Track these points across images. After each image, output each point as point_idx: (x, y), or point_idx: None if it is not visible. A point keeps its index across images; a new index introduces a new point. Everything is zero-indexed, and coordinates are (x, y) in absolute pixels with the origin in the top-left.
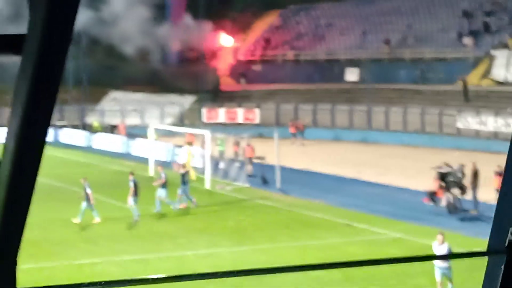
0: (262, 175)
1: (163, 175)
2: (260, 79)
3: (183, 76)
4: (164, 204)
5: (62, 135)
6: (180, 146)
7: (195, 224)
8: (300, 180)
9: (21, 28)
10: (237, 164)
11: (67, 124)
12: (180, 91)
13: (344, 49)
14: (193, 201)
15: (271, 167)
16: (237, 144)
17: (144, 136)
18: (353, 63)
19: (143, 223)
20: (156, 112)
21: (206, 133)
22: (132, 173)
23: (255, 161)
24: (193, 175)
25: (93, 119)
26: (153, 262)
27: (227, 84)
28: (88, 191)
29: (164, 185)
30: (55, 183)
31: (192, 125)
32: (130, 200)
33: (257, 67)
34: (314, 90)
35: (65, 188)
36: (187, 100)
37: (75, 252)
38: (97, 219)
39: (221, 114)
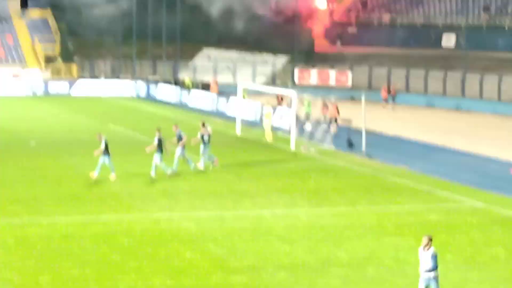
0: (348, 138)
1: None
2: (354, 42)
3: (277, 36)
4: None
5: (154, 90)
6: (274, 106)
7: (276, 184)
8: (387, 145)
9: None
10: (323, 126)
11: (160, 79)
12: (273, 50)
13: (442, 14)
14: (214, 162)
15: (358, 131)
16: (325, 106)
17: (235, 94)
18: (450, 29)
19: (224, 181)
20: (248, 70)
21: (293, 93)
22: (158, 130)
23: (342, 123)
24: (268, 136)
25: (185, 76)
26: (229, 220)
27: (321, 45)
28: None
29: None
30: (140, 137)
31: (283, 85)
32: (156, 157)
33: (352, 30)
34: (408, 55)
35: (150, 143)
36: (280, 60)
37: (154, 206)
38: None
39: (313, 76)
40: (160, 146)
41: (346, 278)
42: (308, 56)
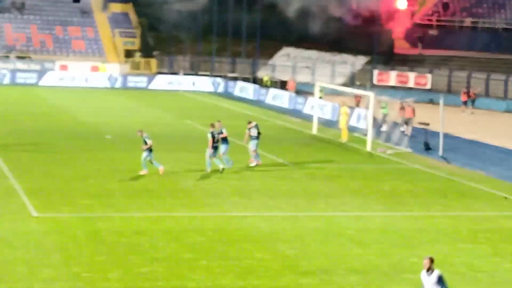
0: (425, 141)
1: (224, 130)
2: (435, 44)
3: (357, 37)
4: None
5: (232, 87)
6: (351, 107)
7: (350, 185)
8: (465, 150)
9: None
10: (400, 128)
11: (238, 77)
12: (353, 51)
13: None
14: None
15: (436, 134)
16: (402, 108)
17: (312, 93)
18: None
19: (298, 181)
20: (327, 70)
21: (371, 94)
22: (212, 125)
23: (419, 126)
24: (345, 136)
25: (264, 74)
26: (302, 221)
27: (401, 47)
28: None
29: (225, 140)
30: None
31: (362, 86)
32: (208, 151)
33: (433, 32)
34: (489, 59)
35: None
36: (359, 61)
37: (227, 204)
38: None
39: (392, 77)
40: (213, 142)
41: (417, 284)
42: (387, 57)
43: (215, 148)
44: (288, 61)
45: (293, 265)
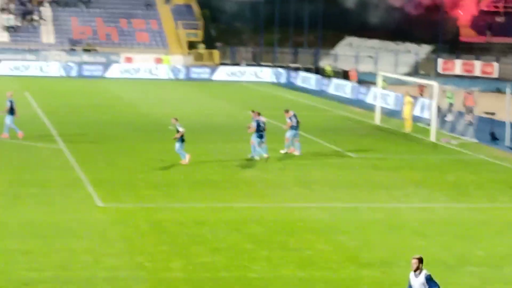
0: (491, 131)
1: (254, 124)
2: (501, 32)
3: (420, 25)
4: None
5: (295, 77)
6: (415, 97)
7: (413, 176)
8: None
9: None
10: (465, 118)
11: (301, 67)
12: (417, 40)
13: None
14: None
15: (502, 124)
16: (466, 97)
17: (375, 83)
18: None
19: (360, 171)
20: (390, 60)
21: (435, 84)
22: (258, 113)
23: (485, 116)
24: (408, 126)
25: (326, 64)
26: (363, 212)
27: (467, 35)
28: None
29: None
30: (278, 124)
31: (426, 76)
32: (253, 137)
33: (500, 19)
34: None
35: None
36: (423, 50)
37: (287, 195)
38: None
39: (458, 66)
40: (258, 130)
41: (482, 277)
42: (452, 45)
43: (261, 136)
44: (350, 51)
45: (354, 257)
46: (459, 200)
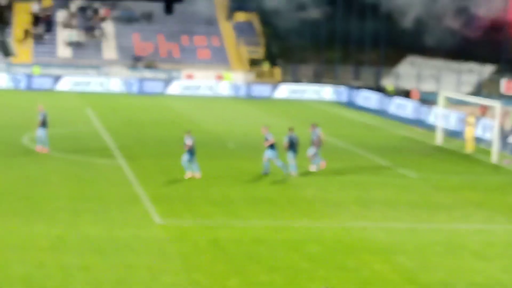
0: None
1: (270, 137)
2: None
3: (484, 45)
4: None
5: (356, 96)
6: (477, 117)
7: (474, 197)
8: None
9: None
10: None
11: (362, 86)
12: (480, 59)
13: None
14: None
15: None
16: None
17: (436, 103)
18: None
19: (420, 191)
20: (453, 79)
21: (497, 105)
22: (290, 129)
23: None
24: (470, 147)
25: (388, 82)
26: (422, 232)
27: None
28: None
29: (272, 147)
30: (340, 144)
31: (489, 96)
32: (290, 155)
33: None
34: None
35: (349, 150)
36: (487, 69)
37: (346, 214)
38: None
39: None
40: (292, 146)
41: None
42: None
43: (294, 150)
44: (412, 70)
45: (412, 278)
46: None
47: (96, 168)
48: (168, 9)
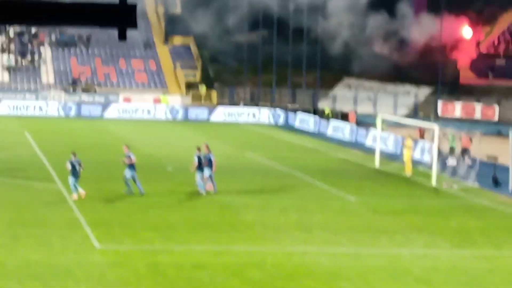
0: (494, 176)
1: (131, 156)
2: (502, 74)
3: (420, 67)
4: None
5: (292, 118)
6: (415, 140)
7: (415, 221)
8: None
9: None
10: (467, 162)
11: (299, 108)
12: (416, 82)
13: None
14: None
15: (505, 168)
16: (468, 140)
17: (374, 125)
18: None
19: (361, 215)
20: (390, 101)
21: (435, 127)
22: (199, 149)
23: (487, 160)
24: (409, 169)
25: (324, 105)
26: (365, 257)
27: (467, 77)
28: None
29: (132, 166)
30: (278, 167)
31: (426, 118)
32: (197, 174)
33: (500, 62)
34: None
35: (289, 173)
36: (423, 92)
37: (287, 239)
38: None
39: (458, 109)
40: (200, 165)
41: None
42: (452, 88)
43: (201, 169)
44: (349, 92)
45: None
46: (463, 246)
47: (35, 192)
48: (122, 35)
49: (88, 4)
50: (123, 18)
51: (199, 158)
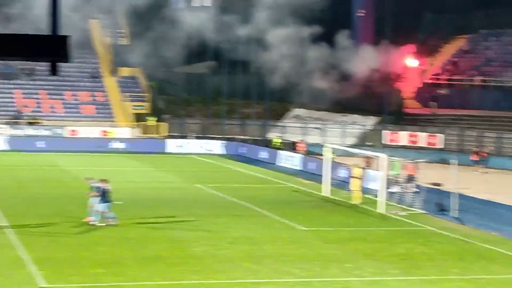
0: (439, 202)
1: (99, 187)
2: (445, 104)
3: (366, 97)
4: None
5: (243, 149)
6: (363, 168)
7: (364, 249)
8: (479, 210)
9: None
10: (412, 189)
11: (249, 139)
12: (363, 111)
13: None
14: (112, 219)
15: (448, 194)
16: (414, 168)
17: (323, 155)
18: None
19: (310, 245)
20: (337, 131)
21: (382, 155)
22: (103, 180)
23: (432, 187)
24: (357, 197)
25: (274, 135)
26: (317, 287)
27: (411, 106)
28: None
29: (103, 197)
30: (228, 198)
31: (373, 147)
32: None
33: (443, 91)
34: (501, 117)
35: (238, 204)
36: (370, 121)
37: (238, 271)
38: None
39: (403, 137)
40: (104, 197)
41: None
42: (398, 117)
43: (103, 201)
44: (298, 122)
45: None
46: (410, 272)
47: None
48: (53, 70)
49: (16, 35)
50: (54, 51)
51: (100, 189)
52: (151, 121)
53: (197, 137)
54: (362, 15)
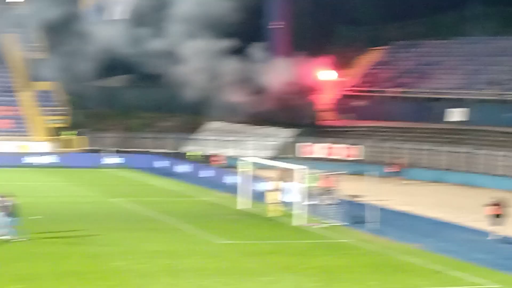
0: (355, 214)
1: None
2: (360, 115)
3: (282, 110)
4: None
5: (158, 162)
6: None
7: (281, 262)
8: (396, 222)
9: None
10: (328, 202)
11: (164, 152)
12: (278, 124)
13: (449, 88)
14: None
15: (366, 206)
16: (329, 180)
17: (238, 168)
18: (457, 103)
19: (228, 258)
20: (254, 144)
21: (297, 167)
22: (3, 196)
23: (349, 199)
24: (274, 210)
25: (189, 149)
26: None
27: (326, 118)
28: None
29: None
30: (144, 212)
31: (289, 159)
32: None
33: (358, 103)
34: (415, 128)
35: (155, 218)
36: (285, 134)
37: (157, 285)
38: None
39: (317, 149)
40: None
41: None
42: (314, 129)
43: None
44: (214, 135)
45: None
46: (329, 285)
47: None
48: None
49: None
50: None
51: (4, 205)
52: (69, 135)
53: (115, 151)
54: (279, 28)
